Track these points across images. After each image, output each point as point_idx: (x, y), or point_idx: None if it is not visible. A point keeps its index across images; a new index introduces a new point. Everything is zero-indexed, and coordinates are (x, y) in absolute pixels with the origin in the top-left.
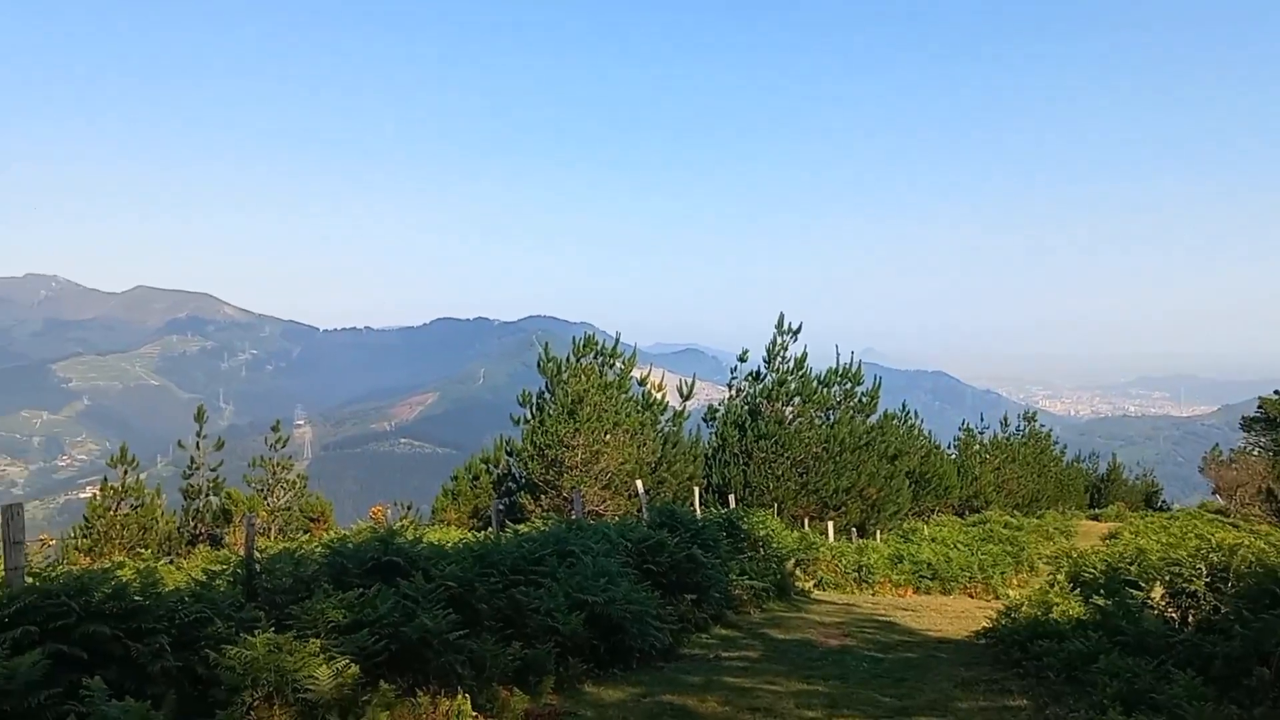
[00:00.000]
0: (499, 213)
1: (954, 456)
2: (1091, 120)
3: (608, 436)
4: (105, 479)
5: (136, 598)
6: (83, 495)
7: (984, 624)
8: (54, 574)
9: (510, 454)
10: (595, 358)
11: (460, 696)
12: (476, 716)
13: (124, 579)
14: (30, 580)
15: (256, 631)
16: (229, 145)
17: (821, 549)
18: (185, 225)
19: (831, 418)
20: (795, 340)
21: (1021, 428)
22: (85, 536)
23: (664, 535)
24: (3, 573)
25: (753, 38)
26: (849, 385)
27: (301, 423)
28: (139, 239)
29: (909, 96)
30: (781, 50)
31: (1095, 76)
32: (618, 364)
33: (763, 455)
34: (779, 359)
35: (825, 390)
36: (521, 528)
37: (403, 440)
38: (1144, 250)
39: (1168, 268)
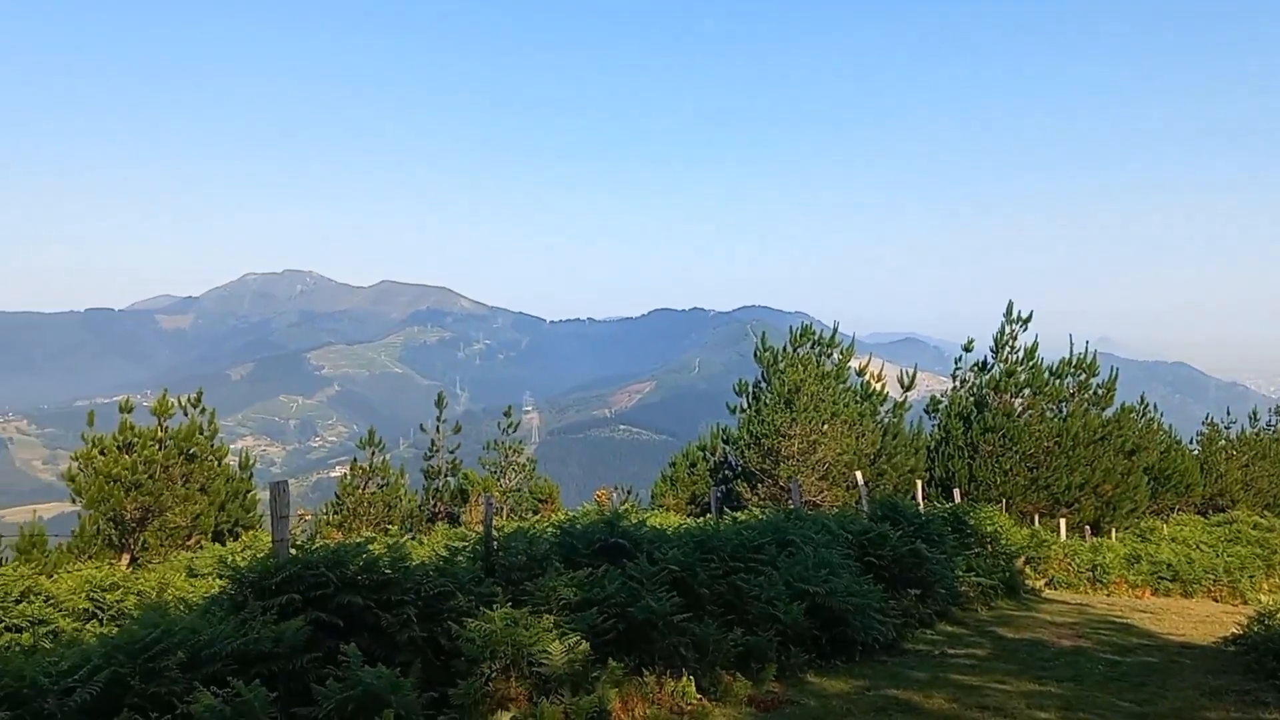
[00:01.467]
0: (715, 205)
1: (1195, 452)
2: None
3: (825, 427)
4: (354, 459)
5: (386, 571)
6: (333, 474)
7: (1232, 630)
8: (313, 546)
9: (726, 442)
10: (812, 347)
11: (685, 678)
12: (700, 699)
13: (375, 553)
14: (293, 552)
15: (495, 606)
16: (467, 151)
17: (1053, 547)
18: (428, 223)
19: (1064, 410)
20: (1025, 329)
21: (1273, 422)
22: (336, 512)
23: (886, 528)
24: (270, 544)
25: (964, 28)
26: (1083, 376)
27: (529, 409)
28: (386, 237)
29: (1140, 74)
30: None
31: None
32: (835, 354)
33: (989, 449)
34: (1007, 349)
35: (1057, 382)
36: (740, 515)
37: (621, 427)
38: None
39: None
